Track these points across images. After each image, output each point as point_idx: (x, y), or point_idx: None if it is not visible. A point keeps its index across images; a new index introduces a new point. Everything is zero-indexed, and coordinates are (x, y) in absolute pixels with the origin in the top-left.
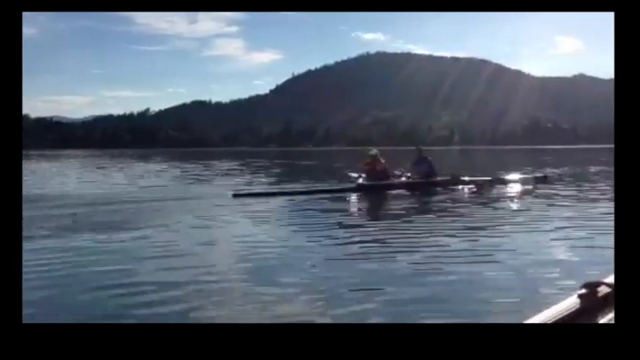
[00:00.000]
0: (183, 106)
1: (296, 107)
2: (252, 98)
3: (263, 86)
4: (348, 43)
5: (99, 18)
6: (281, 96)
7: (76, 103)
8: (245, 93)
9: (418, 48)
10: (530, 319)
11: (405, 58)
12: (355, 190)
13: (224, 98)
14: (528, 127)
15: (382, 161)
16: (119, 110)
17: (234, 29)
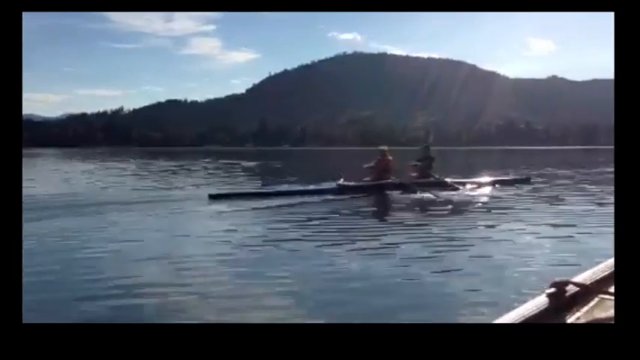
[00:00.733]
0: (158, 105)
1: (272, 107)
2: (228, 97)
3: (239, 85)
4: (325, 43)
5: (73, 14)
6: (257, 95)
7: (50, 102)
8: (221, 92)
9: (394, 48)
10: (500, 318)
11: (382, 59)
12: (335, 192)
13: (200, 97)
14: (502, 128)
15: (390, 158)
16: (93, 109)
17: (210, 28)
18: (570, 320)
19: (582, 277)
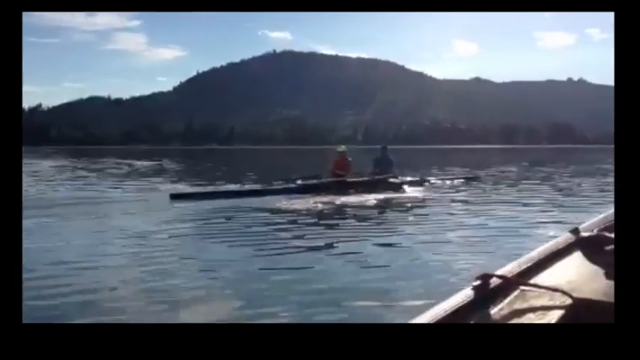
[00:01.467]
0: (79, 102)
1: (200, 105)
2: (154, 95)
3: (166, 83)
4: (255, 42)
5: None
6: (185, 94)
7: None
8: (147, 90)
9: (324, 48)
10: (429, 310)
11: (311, 58)
12: (295, 191)
13: (124, 94)
14: (429, 128)
15: (349, 159)
16: None
17: (136, 23)
18: (493, 311)
19: (505, 270)
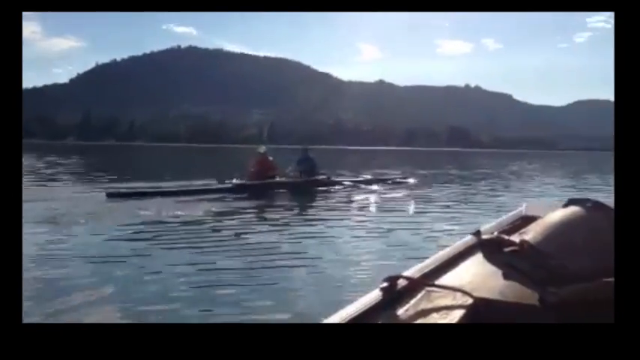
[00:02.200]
0: None
1: (98, 98)
2: (49, 87)
3: (62, 75)
4: (158, 35)
5: None
6: (82, 86)
7: None
8: (41, 81)
9: (231, 45)
10: (339, 312)
11: (217, 55)
12: (233, 191)
13: None
14: (334, 128)
15: (270, 159)
16: None
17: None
18: (400, 311)
19: (411, 272)
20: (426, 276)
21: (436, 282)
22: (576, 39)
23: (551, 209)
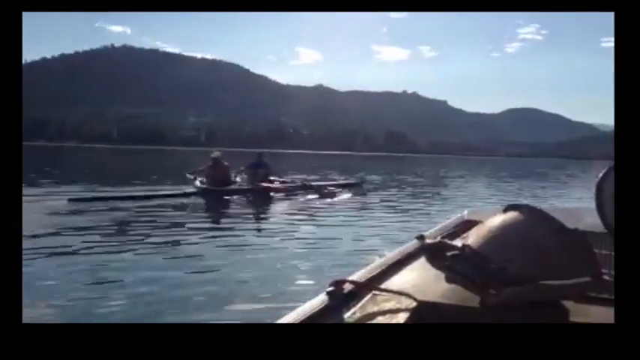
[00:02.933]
0: None
1: (27, 98)
2: None
3: None
4: (91, 33)
5: None
6: None
7: None
8: None
9: (167, 46)
10: (285, 316)
11: (153, 55)
12: (196, 195)
13: None
14: (272, 131)
15: (225, 164)
16: None
17: None
18: (347, 315)
19: (357, 276)
20: (372, 280)
21: (381, 285)
22: (508, 49)
23: (491, 214)
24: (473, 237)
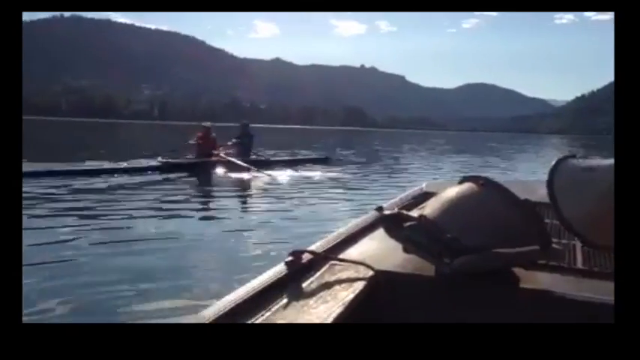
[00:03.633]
0: None
1: None
2: None
3: None
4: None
5: None
6: None
7: None
8: None
9: (120, 16)
10: (240, 287)
11: (105, 25)
12: (161, 170)
13: None
14: (229, 106)
15: (213, 135)
16: None
17: None
18: (304, 284)
19: (316, 246)
20: (330, 250)
21: (339, 256)
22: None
23: (449, 186)
24: (429, 208)
